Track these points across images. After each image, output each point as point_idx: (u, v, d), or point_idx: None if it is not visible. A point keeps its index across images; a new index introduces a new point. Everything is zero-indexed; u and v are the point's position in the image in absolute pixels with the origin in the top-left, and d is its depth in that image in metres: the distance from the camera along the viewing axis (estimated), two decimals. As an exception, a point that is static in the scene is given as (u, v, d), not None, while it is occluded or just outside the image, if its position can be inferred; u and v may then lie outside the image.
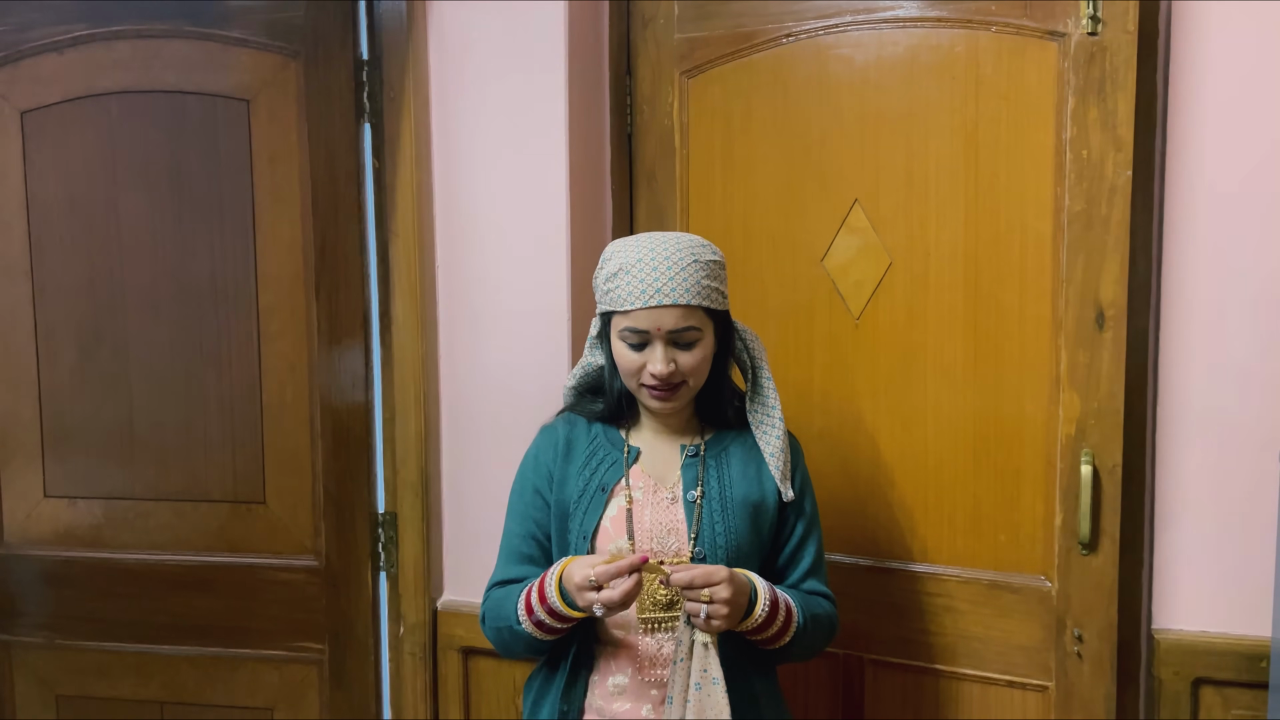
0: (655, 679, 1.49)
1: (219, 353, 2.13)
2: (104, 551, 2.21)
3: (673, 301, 1.44)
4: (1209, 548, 1.74)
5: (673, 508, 1.52)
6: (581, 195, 2.01)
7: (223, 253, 2.11)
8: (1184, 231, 1.72)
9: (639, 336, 1.47)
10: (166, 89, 2.09)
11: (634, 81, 2.09)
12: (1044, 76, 1.75)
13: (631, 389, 1.53)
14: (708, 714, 1.38)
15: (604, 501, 1.53)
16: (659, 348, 1.46)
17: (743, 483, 1.54)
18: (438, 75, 2.01)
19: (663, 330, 1.45)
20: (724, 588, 1.37)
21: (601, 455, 1.56)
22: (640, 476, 1.55)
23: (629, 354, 1.48)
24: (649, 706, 1.49)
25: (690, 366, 1.48)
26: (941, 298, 1.86)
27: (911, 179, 1.87)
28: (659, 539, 1.50)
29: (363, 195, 2.06)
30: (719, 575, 1.38)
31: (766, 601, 1.45)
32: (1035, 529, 1.83)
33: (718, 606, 1.37)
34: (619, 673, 1.51)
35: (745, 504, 1.53)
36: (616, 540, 1.49)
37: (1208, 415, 1.72)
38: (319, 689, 2.17)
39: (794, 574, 1.58)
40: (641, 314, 1.45)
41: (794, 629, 1.49)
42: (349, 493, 2.11)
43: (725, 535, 1.50)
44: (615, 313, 1.49)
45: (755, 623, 1.44)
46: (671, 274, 1.45)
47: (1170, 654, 1.75)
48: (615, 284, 1.47)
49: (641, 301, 1.44)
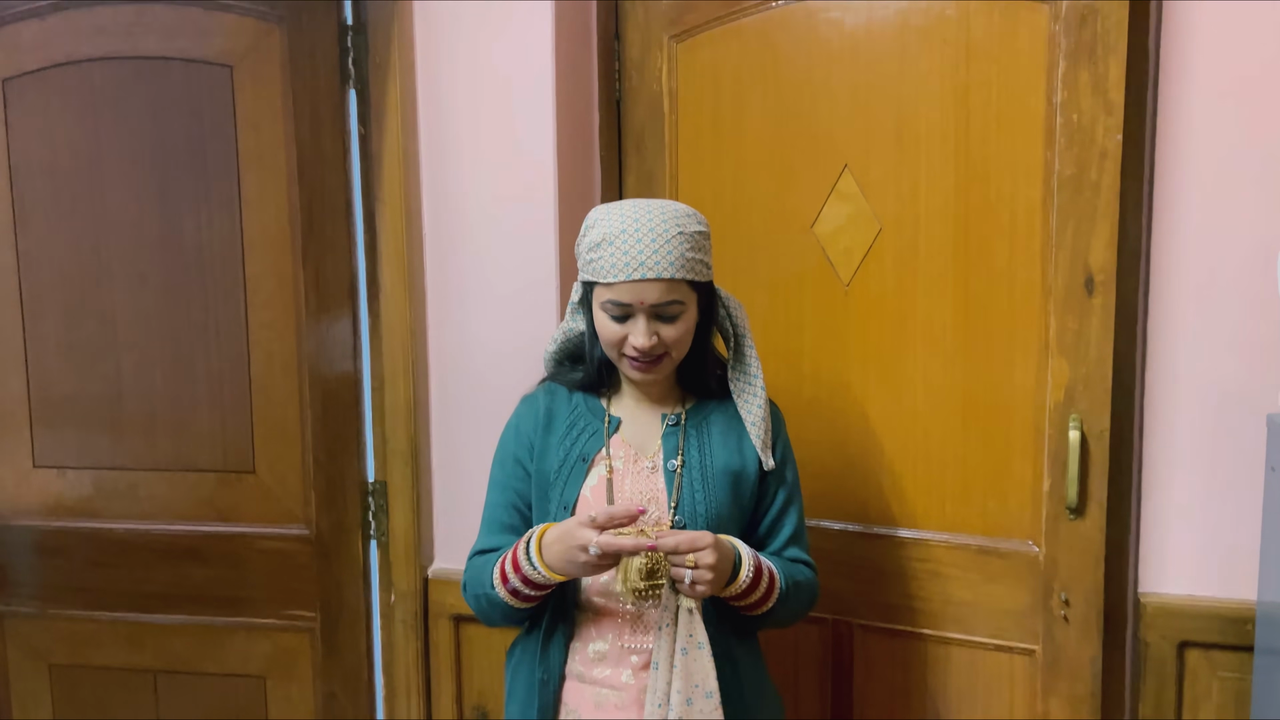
0: (635, 645, 1.50)
1: (206, 321, 2.12)
2: (94, 521, 2.21)
3: (656, 275, 1.43)
4: (1196, 512, 1.75)
5: (653, 477, 1.52)
6: (570, 162, 1.99)
7: (208, 221, 2.09)
8: (1174, 196, 1.71)
9: (621, 309, 1.46)
10: (149, 55, 2.06)
11: (622, 47, 2.07)
12: (1035, 40, 1.74)
13: (613, 359, 1.52)
14: (694, 679, 1.39)
15: (584, 471, 1.52)
16: (641, 321, 1.45)
17: (723, 451, 1.54)
18: (423, 41, 1.99)
19: (645, 304, 1.44)
20: (709, 553, 1.37)
21: (582, 425, 1.56)
22: (621, 446, 1.54)
23: (611, 325, 1.47)
24: (629, 672, 1.50)
25: (673, 339, 1.47)
26: (931, 264, 1.86)
27: (901, 144, 1.85)
28: None
29: (349, 162, 2.04)
30: (704, 540, 1.38)
31: (750, 568, 1.45)
32: (1023, 494, 1.84)
33: (702, 572, 1.37)
34: (599, 639, 1.52)
35: (726, 473, 1.53)
36: (595, 510, 1.47)
37: (1196, 380, 1.73)
38: (311, 657, 2.18)
39: (775, 542, 1.58)
40: (624, 287, 1.44)
41: (776, 595, 1.50)
42: (339, 462, 2.11)
43: (706, 504, 1.50)
44: (598, 284, 1.47)
45: (739, 588, 1.45)
46: (655, 247, 1.43)
47: (1156, 617, 1.76)
48: (598, 254, 1.46)
49: (625, 274, 1.43)
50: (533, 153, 1.95)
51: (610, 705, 1.50)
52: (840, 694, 2.01)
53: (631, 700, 1.49)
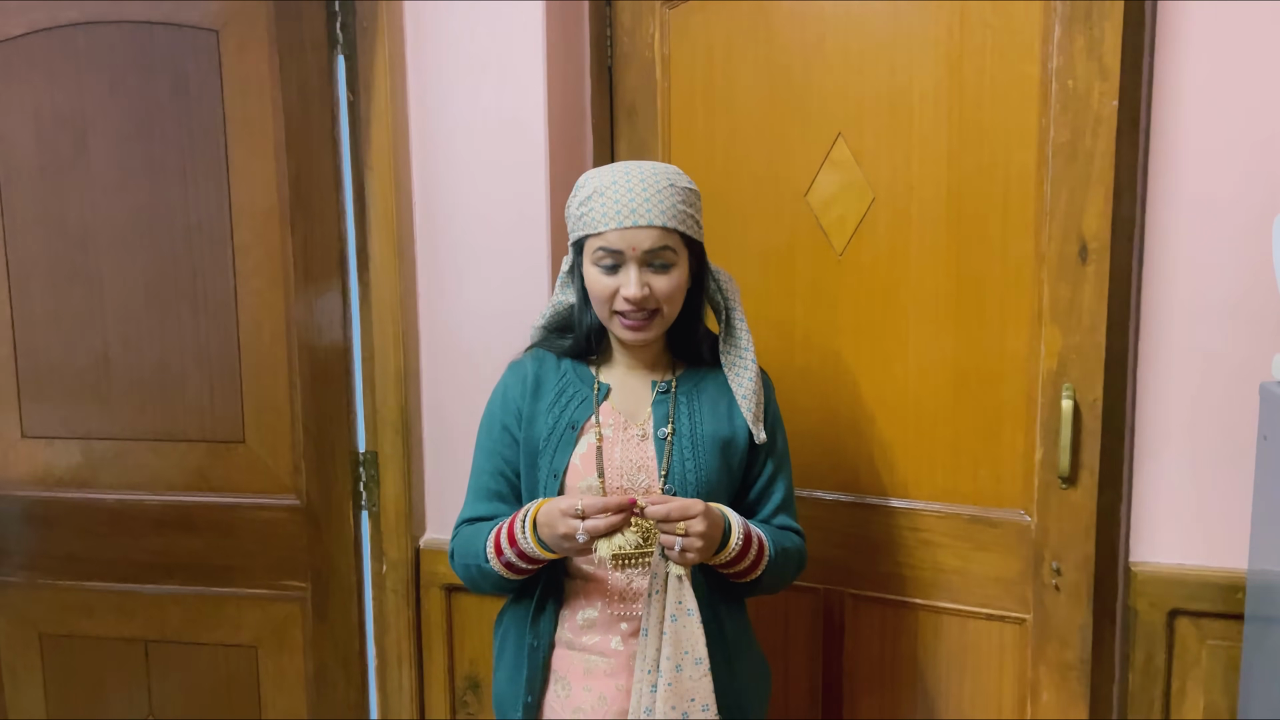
0: (624, 613, 1.50)
1: (194, 290, 2.10)
2: (84, 491, 2.21)
3: (648, 222, 1.42)
4: (1187, 481, 1.75)
5: (643, 444, 1.51)
6: (561, 128, 1.97)
7: (195, 188, 2.07)
8: (1169, 164, 1.70)
9: (612, 258, 1.44)
10: (133, 20, 2.04)
11: (614, 12, 2.05)
12: (1030, 4, 1.72)
13: (603, 318, 1.50)
14: (684, 645, 1.39)
15: (574, 439, 1.52)
16: (632, 270, 1.44)
17: (713, 419, 1.53)
18: (412, 5, 1.96)
19: (637, 251, 1.43)
20: (699, 521, 1.37)
21: (571, 392, 1.55)
22: (610, 413, 1.53)
23: (602, 279, 1.46)
24: (617, 639, 1.50)
25: (664, 292, 1.46)
26: (924, 233, 1.84)
27: (895, 111, 1.84)
28: (629, 476, 1.50)
29: (337, 129, 2.02)
30: (695, 508, 1.37)
31: (740, 535, 1.45)
32: (1015, 463, 1.83)
33: (692, 540, 1.36)
34: (588, 607, 1.52)
35: (715, 440, 1.52)
36: (586, 478, 1.49)
37: (1189, 349, 1.72)
38: (303, 626, 2.18)
39: (765, 509, 1.57)
40: (615, 234, 1.43)
41: (765, 563, 1.49)
42: (329, 432, 2.10)
43: (695, 472, 1.49)
44: (589, 236, 1.46)
45: (729, 556, 1.44)
46: (647, 195, 1.43)
47: (1147, 586, 1.76)
48: (589, 207, 1.45)
49: (616, 222, 1.42)
50: (524, 119, 1.93)
51: (599, 671, 1.51)
52: (831, 663, 2.01)
53: (621, 666, 1.50)
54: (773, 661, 2.04)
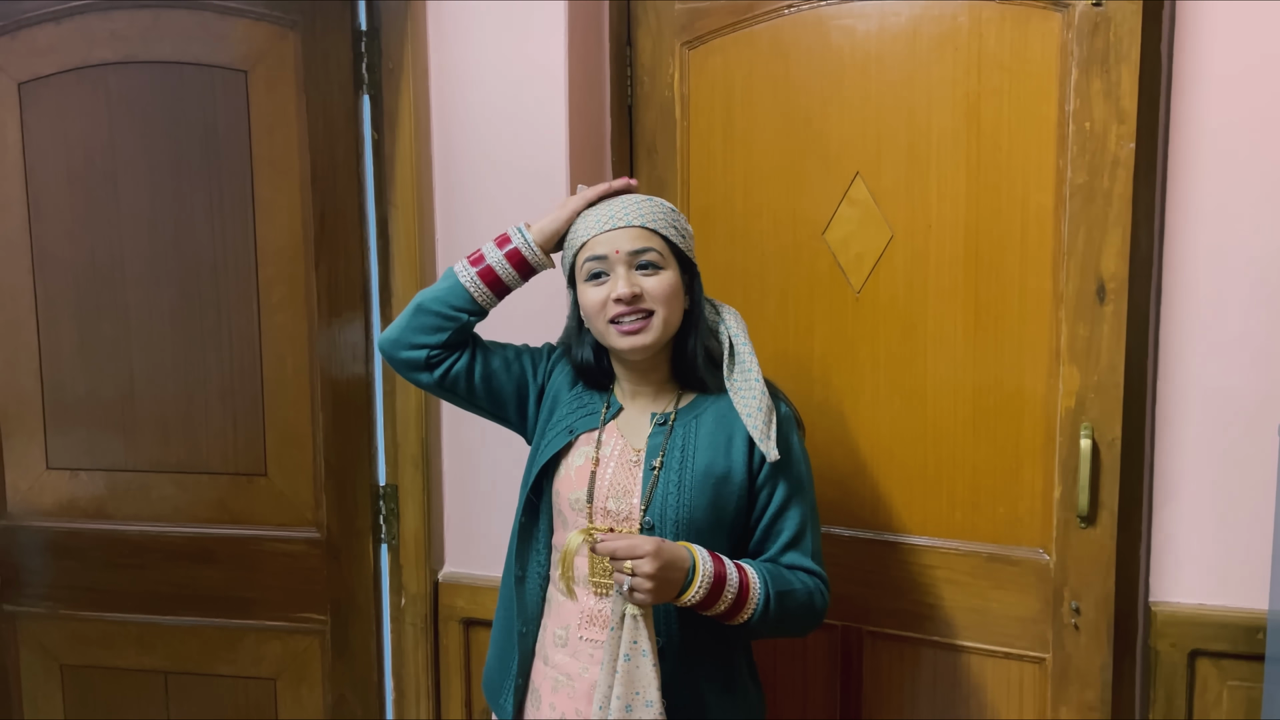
0: (591, 638, 1.49)
1: (219, 325, 2.13)
2: (106, 523, 2.23)
3: (627, 223, 1.47)
4: (1207, 521, 1.75)
5: (634, 471, 1.51)
6: (582, 167, 2.00)
7: (222, 225, 2.10)
8: (1187, 204, 1.71)
9: (599, 264, 1.47)
10: (164, 59, 2.08)
11: (634, 52, 2.08)
12: (1047, 48, 1.74)
13: (601, 334, 1.50)
14: (635, 686, 1.36)
15: (566, 443, 1.54)
16: (620, 270, 1.46)
17: (708, 452, 1.49)
18: (437, 46, 2.00)
19: (621, 252, 1.46)
20: (647, 562, 1.33)
21: (584, 401, 1.57)
22: (614, 433, 1.55)
23: (592, 291, 1.48)
24: (583, 665, 1.50)
25: (655, 291, 1.46)
26: (942, 271, 1.86)
27: (913, 151, 1.86)
28: (615, 498, 1.50)
29: (362, 167, 2.05)
30: (643, 548, 1.34)
31: (706, 579, 1.38)
32: (1034, 502, 1.83)
33: (640, 580, 1.33)
34: (561, 625, 1.53)
35: (707, 476, 1.47)
36: (576, 490, 1.51)
37: (1208, 389, 1.72)
38: (321, 659, 2.19)
39: (772, 547, 1.50)
40: (599, 239, 1.47)
41: (753, 608, 1.42)
42: (350, 465, 2.12)
43: (678, 508, 1.46)
44: (576, 253, 1.50)
45: (692, 600, 1.38)
46: (627, 205, 1.49)
47: (1167, 626, 1.76)
48: (576, 228, 1.52)
49: (597, 228, 1.48)
50: (545, 158, 1.96)
51: (564, 692, 1.52)
52: (849, 700, 2.01)
53: (582, 693, 1.50)
54: (790, 698, 2.04)
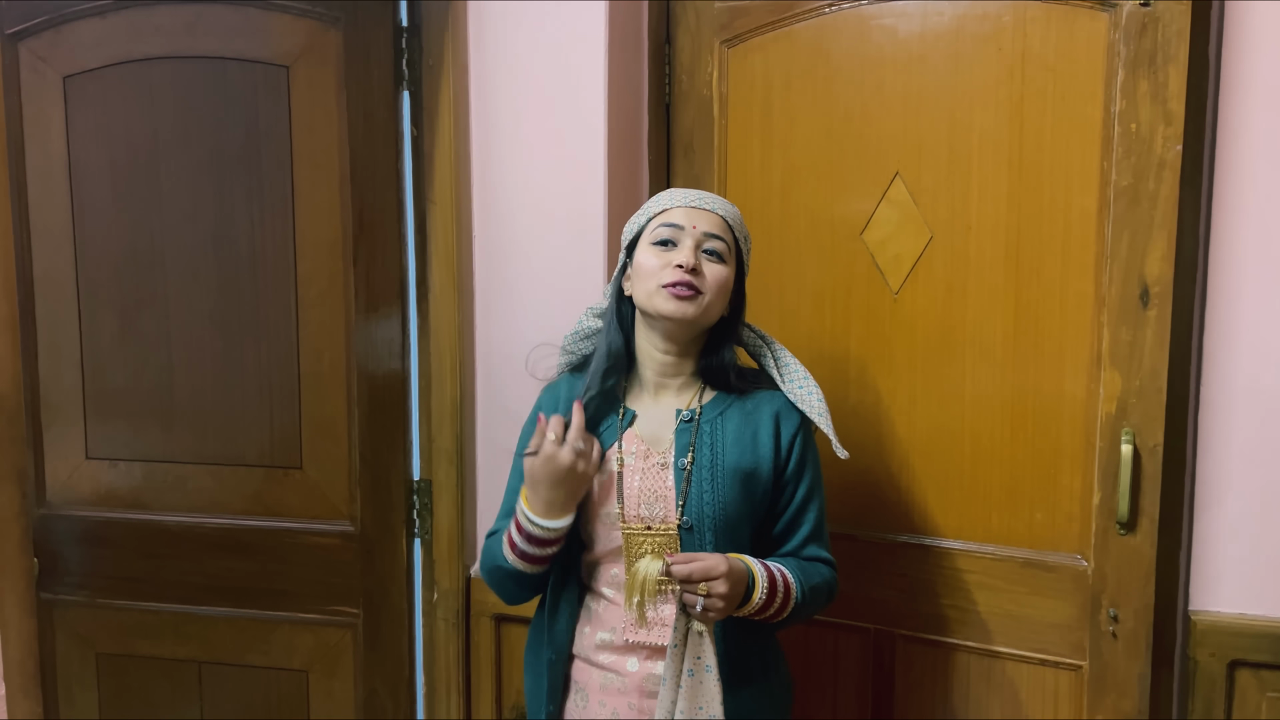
0: (640, 641, 1.51)
1: (257, 319, 2.14)
2: (144, 513, 2.25)
3: (711, 207, 1.53)
4: (1249, 529, 1.72)
5: (662, 474, 1.52)
6: (619, 165, 2.00)
7: (262, 219, 2.12)
8: (1233, 208, 1.69)
9: (672, 231, 1.51)
10: (207, 55, 2.09)
11: (673, 51, 2.07)
12: (1093, 48, 1.72)
13: (647, 294, 1.50)
14: (699, 701, 1.38)
15: None
16: (688, 242, 1.50)
17: (736, 449, 1.52)
18: (476, 43, 2.01)
19: (697, 229, 1.51)
20: (721, 583, 1.36)
21: (597, 420, 1.57)
22: (633, 440, 1.55)
23: (655, 254, 1.51)
24: (634, 660, 1.52)
25: (712, 279, 1.50)
26: (982, 273, 1.84)
27: (954, 152, 1.84)
28: (647, 504, 1.51)
29: (401, 163, 2.06)
30: (718, 570, 1.37)
31: (764, 589, 1.44)
32: (1073, 507, 1.81)
33: (714, 600, 1.36)
34: (605, 629, 1.54)
35: (736, 471, 1.51)
36: (606, 505, 1.52)
37: (1252, 395, 1.70)
38: (354, 652, 2.20)
39: (793, 540, 1.56)
40: (680, 211, 1.52)
41: (793, 605, 1.49)
42: (384, 459, 2.13)
43: (714, 505, 1.49)
44: (651, 218, 1.53)
45: (754, 609, 1.44)
46: (712, 196, 1.55)
47: (1207, 635, 1.73)
48: (656, 199, 1.56)
49: (683, 201, 1.53)
50: (582, 155, 1.96)
51: (614, 689, 1.53)
52: (881, 704, 1.99)
53: (634, 687, 1.51)
54: (821, 700, 2.04)
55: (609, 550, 1.54)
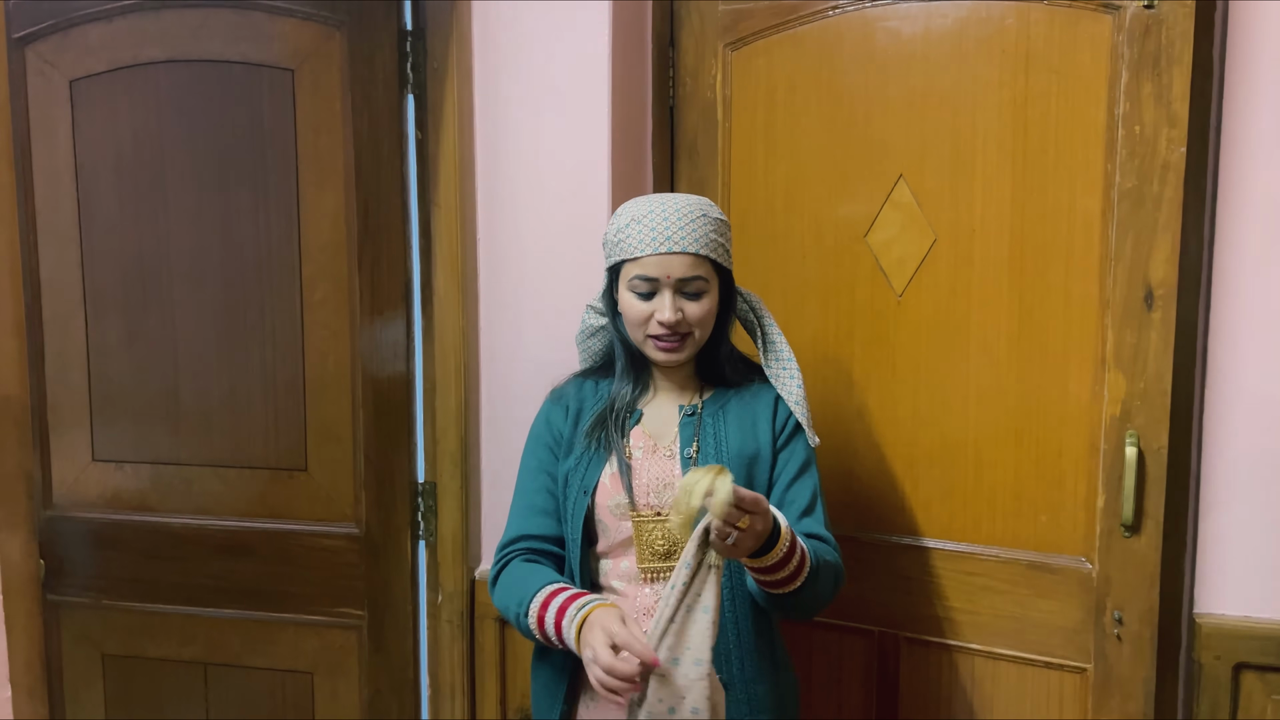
0: (653, 568, 1.54)
1: (263, 321, 2.15)
2: (149, 515, 2.25)
3: (682, 249, 1.49)
4: (1254, 532, 1.72)
5: (669, 462, 1.57)
6: (623, 168, 2.00)
7: (267, 222, 2.12)
8: (1238, 209, 1.68)
9: (648, 285, 1.51)
10: (212, 58, 2.10)
11: (677, 53, 2.08)
12: (1097, 50, 1.72)
13: (637, 341, 1.57)
14: (688, 640, 1.33)
15: (605, 459, 1.57)
16: (667, 295, 1.51)
17: (739, 436, 1.57)
18: (481, 46, 2.01)
19: (671, 278, 1.50)
20: (761, 519, 1.32)
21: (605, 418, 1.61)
22: (640, 437, 1.59)
23: (637, 303, 1.53)
24: (641, 588, 1.54)
25: (696, 317, 1.53)
26: (986, 275, 1.84)
27: (958, 154, 1.84)
28: (656, 493, 1.54)
29: (405, 166, 2.07)
30: (764, 504, 1.32)
31: (787, 539, 1.39)
32: (1077, 510, 1.81)
33: (744, 538, 1.31)
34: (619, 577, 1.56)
35: (742, 458, 1.55)
36: (615, 496, 1.54)
37: (1256, 397, 1.70)
38: (358, 654, 2.21)
39: (789, 513, 1.53)
40: (652, 261, 1.50)
41: (805, 574, 1.43)
42: (389, 462, 2.13)
43: None
44: (625, 261, 1.53)
45: (775, 559, 1.38)
46: (681, 224, 1.50)
47: (1212, 638, 1.73)
48: (626, 234, 1.52)
49: (653, 248, 1.49)
50: (587, 159, 1.96)
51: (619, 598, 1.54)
52: (885, 707, 1.99)
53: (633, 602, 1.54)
54: (826, 703, 2.04)
55: (618, 542, 1.56)
